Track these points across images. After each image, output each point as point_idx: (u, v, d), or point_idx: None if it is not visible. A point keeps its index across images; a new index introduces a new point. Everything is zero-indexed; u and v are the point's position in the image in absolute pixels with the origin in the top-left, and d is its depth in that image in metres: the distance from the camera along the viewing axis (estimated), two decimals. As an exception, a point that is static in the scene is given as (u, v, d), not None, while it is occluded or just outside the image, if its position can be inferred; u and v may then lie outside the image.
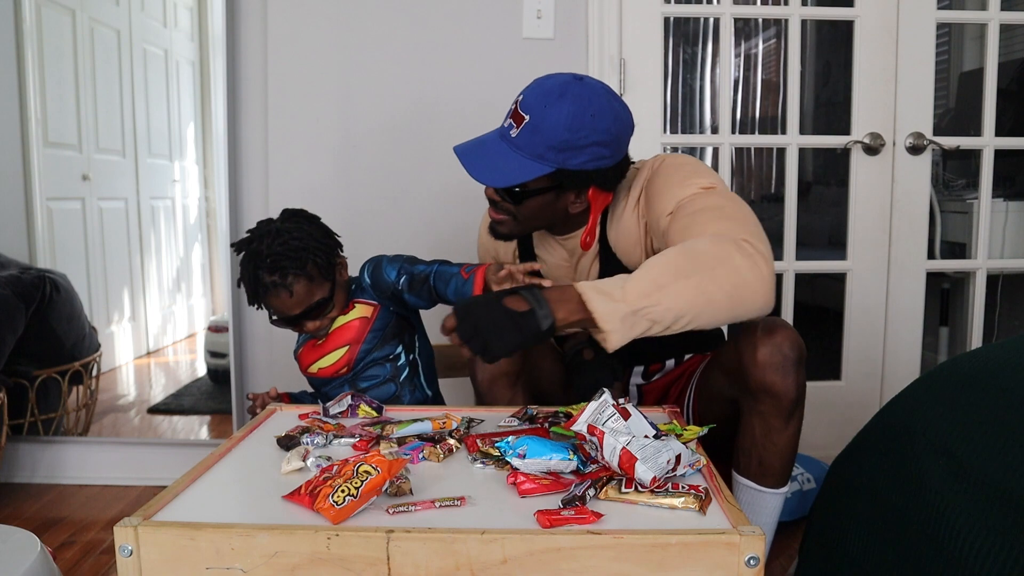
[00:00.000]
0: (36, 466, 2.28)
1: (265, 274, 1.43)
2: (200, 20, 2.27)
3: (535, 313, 1.17)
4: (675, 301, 1.18)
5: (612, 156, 1.37)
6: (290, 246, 1.43)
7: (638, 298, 1.17)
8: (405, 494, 0.96)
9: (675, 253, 1.23)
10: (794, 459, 1.40)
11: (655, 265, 1.21)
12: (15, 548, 1.17)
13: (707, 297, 1.19)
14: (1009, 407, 1.00)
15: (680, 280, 1.18)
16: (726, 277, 1.20)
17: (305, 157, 2.22)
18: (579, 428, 1.07)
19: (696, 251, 1.22)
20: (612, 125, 1.34)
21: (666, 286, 1.18)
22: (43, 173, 2.28)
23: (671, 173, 1.40)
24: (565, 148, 1.32)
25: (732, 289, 1.20)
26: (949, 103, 3.22)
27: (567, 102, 1.31)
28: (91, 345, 2.35)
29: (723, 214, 1.30)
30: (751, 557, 0.83)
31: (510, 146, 1.36)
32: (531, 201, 1.39)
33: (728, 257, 1.21)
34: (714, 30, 3.86)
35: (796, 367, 1.30)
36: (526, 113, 1.33)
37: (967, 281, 2.40)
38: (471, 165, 1.38)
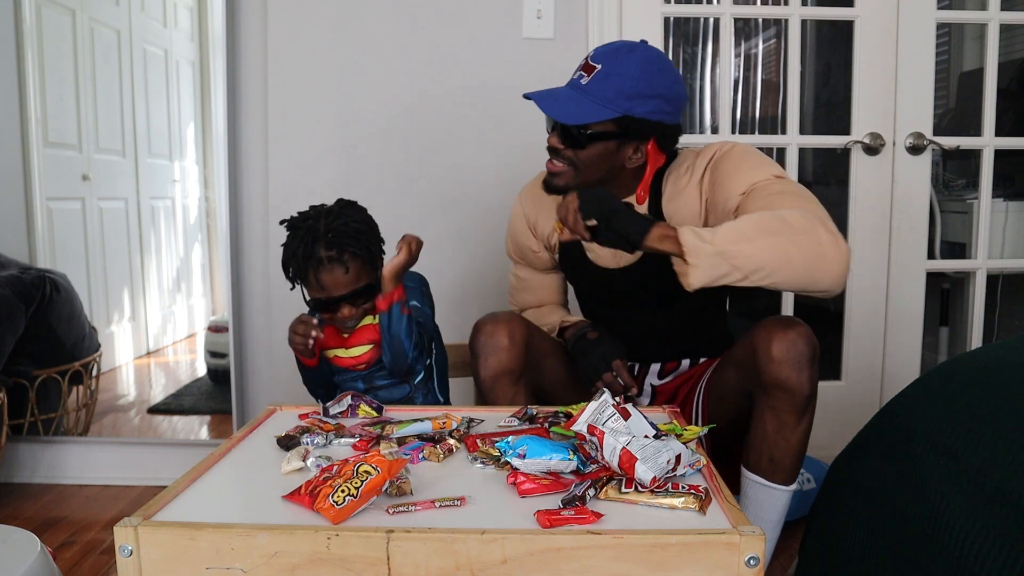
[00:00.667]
0: (36, 466, 2.28)
1: (322, 248, 1.44)
2: (200, 20, 2.27)
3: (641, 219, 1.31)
4: (759, 253, 1.26)
5: (673, 113, 1.45)
6: (350, 227, 1.47)
7: (726, 243, 1.25)
8: (405, 494, 0.96)
9: (766, 215, 1.31)
10: (803, 457, 1.41)
11: (746, 220, 1.30)
12: (15, 548, 1.17)
13: (788, 257, 1.27)
14: (1009, 407, 1.00)
15: (767, 236, 1.26)
16: (809, 245, 1.27)
17: (305, 157, 2.22)
18: (579, 428, 1.07)
19: (785, 217, 1.29)
20: (675, 84, 1.45)
21: (753, 239, 1.26)
22: (43, 173, 2.28)
23: (743, 158, 1.46)
24: (633, 95, 1.40)
25: (812, 257, 1.27)
26: (949, 103, 3.22)
27: (638, 54, 1.42)
28: (91, 345, 2.35)
29: (804, 199, 1.37)
30: (751, 557, 0.83)
31: (581, 93, 1.43)
32: (594, 147, 1.44)
33: (814, 229, 1.28)
34: (714, 30, 3.85)
35: (811, 364, 1.32)
36: (597, 63, 1.42)
37: (967, 281, 2.40)
38: (546, 105, 1.44)
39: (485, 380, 1.47)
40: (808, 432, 1.38)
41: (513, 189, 1.79)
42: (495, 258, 2.23)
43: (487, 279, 2.26)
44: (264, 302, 2.26)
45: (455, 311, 2.24)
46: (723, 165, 1.46)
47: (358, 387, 1.57)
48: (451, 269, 2.25)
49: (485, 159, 2.21)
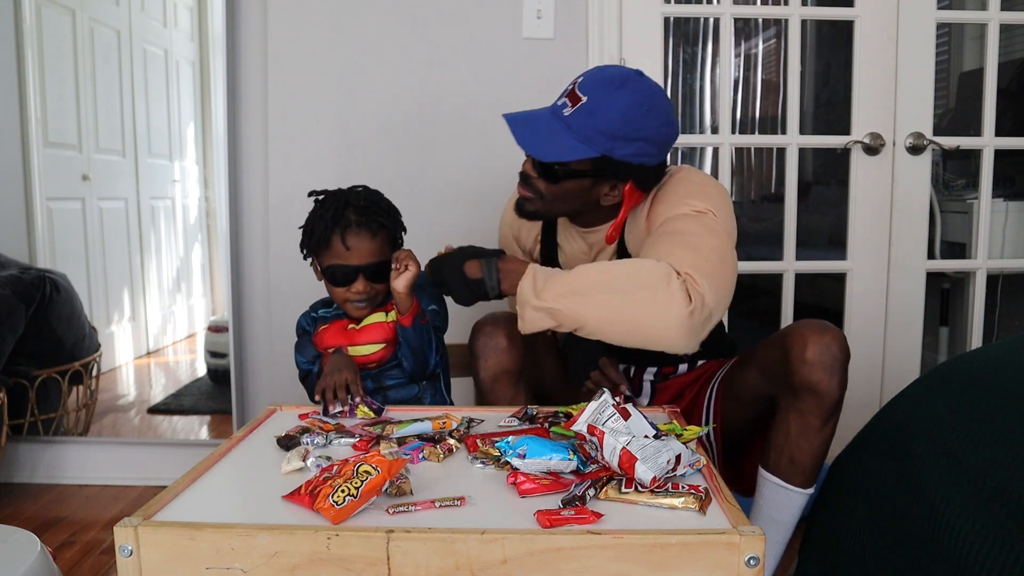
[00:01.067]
0: (36, 466, 2.28)
1: (353, 212, 1.46)
2: (200, 20, 2.27)
3: (483, 282, 1.36)
4: (582, 311, 1.26)
5: (656, 155, 1.39)
6: (381, 203, 1.52)
7: (552, 298, 1.27)
8: (405, 494, 0.96)
9: (608, 267, 1.31)
10: (823, 462, 1.40)
11: (582, 274, 1.30)
12: (15, 548, 1.17)
13: (610, 317, 1.26)
14: (1009, 407, 1.00)
15: (597, 294, 1.27)
16: (638, 304, 1.25)
17: (305, 157, 2.22)
18: (579, 428, 1.07)
19: (626, 271, 1.29)
20: (663, 126, 1.37)
21: (580, 294, 1.27)
22: (43, 173, 2.28)
23: (677, 186, 1.42)
24: (616, 136, 1.34)
25: (639, 318, 1.25)
26: (949, 103, 3.22)
27: (627, 92, 1.34)
28: (91, 345, 2.35)
29: (687, 242, 1.31)
30: (751, 557, 0.83)
31: (562, 124, 1.37)
32: (568, 183, 1.40)
33: (652, 286, 1.25)
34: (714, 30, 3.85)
35: (843, 369, 1.33)
36: (584, 95, 1.35)
37: (967, 281, 2.40)
38: (521, 135, 1.40)
39: (485, 381, 1.46)
40: (831, 437, 1.37)
41: (513, 188, 1.79)
42: (495, 258, 2.23)
43: (487, 279, 2.26)
44: (264, 302, 2.26)
45: (454, 312, 2.24)
46: (661, 192, 1.44)
47: (367, 386, 1.56)
48: (451, 269, 2.25)
49: (485, 159, 2.21)
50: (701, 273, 1.26)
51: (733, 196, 2.63)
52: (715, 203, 1.39)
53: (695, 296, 1.25)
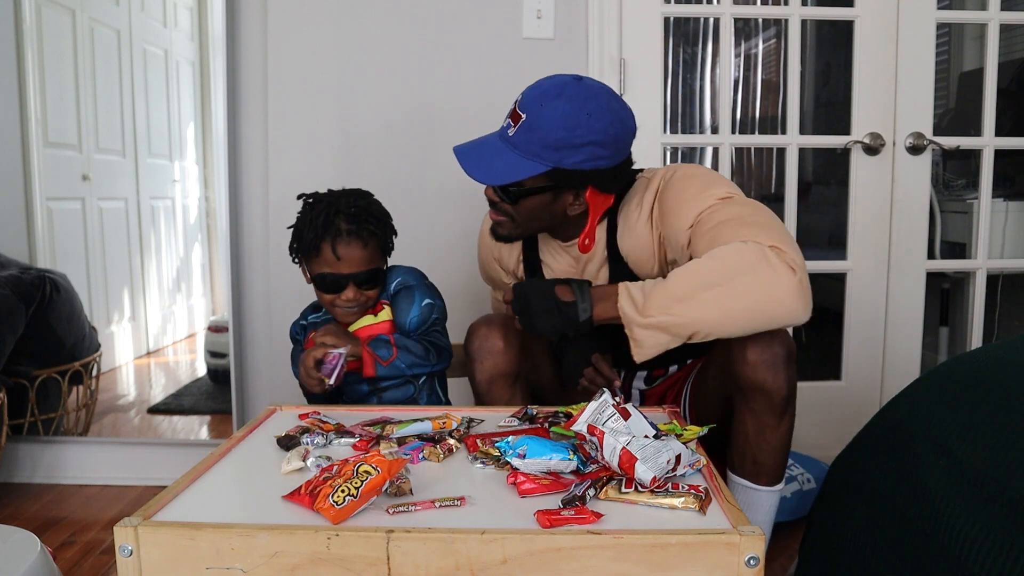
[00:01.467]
0: (36, 466, 2.28)
1: (344, 221, 1.44)
2: (200, 20, 2.27)
3: (576, 305, 1.30)
4: (692, 315, 1.22)
5: (610, 157, 1.36)
6: (372, 209, 1.49)
7: (658, 311, 1.23)
8: (405, 494, 0.96)
9: (698, 264, 1.25)
10: (787, 456, 1.41)
11: (678, 277, 1.25)
12: (15, 548, 1.17)
13: (725, 310, 1.22)
14: (1009, 407, 1.00)
15: (700, 293, 1.21)
16: (747, 289, 1.21)
17: (305, 157, 2.22)
18: (579, 428, 1.07)
19: (718, 262, 1.23)
20: (610, 126, 1.34)
21: (685, 299, 1.22)
22: (43, 173, 2.28)
23: (685, 185, 1.39)
24: (560, 147, 1.32)
25: (753, 301, 1.22)
26: (949, 103, 3.22)
27: (563, 101, 1.32)
28: (91, 345, 2.35)
29: (746, 222, 1.29)
30: (751, 557, 0.83)
31: (507, 145, 1.36)
32: (528, 200, 1.39)
33: (750, 268, 1.21)
34: (714, 30, 3.85)
35: (786, 364, 1.30)
36: (523, 112, 1.34)
37: (967, 281, 2.40)
38: (468, 163, 1.38)
39: (481, 383, 1.46)
40: (790, 432, 1.37)
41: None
42: (495, 258, 2.23)
43: (487, 279, 2.26)
44: (264, 302, 2.26)
45: (454, 312, 2.24)
46: (667, 196, 1.40)
47: (362, 389, 1.56)
48: (450, 269, 2.25)
49: (485, 159, 2.21)
50: (781, 242, 1.24)
51: (733, 196, 2.62)
52: (729, 186, 1.39)
53: (793, 264, 1.23)
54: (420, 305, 1.51)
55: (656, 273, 1.46)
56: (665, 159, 2.29)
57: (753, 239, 1.24)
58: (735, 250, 1.24)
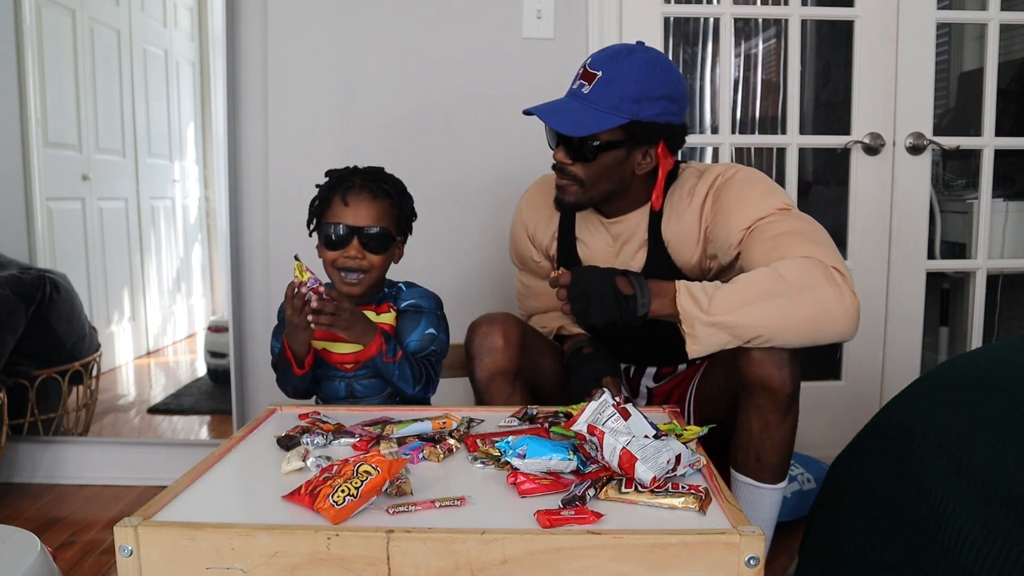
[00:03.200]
0: (36, 466, 2.28)
1: (360, 178, 1.46)
2: (200, 20, 2.27)
3: (636, 298, 1.32)
4: (756, 319, 1.25)
5: (678, 113, 1.43)
6: (392, 179, 1.51)
7: (722, 311, 1.26)
8: (405, 494, 0.96)
9: (766, 273, 1.29)
10: (791, 454, 1.41)
11: (744, 283, 1.28)
12: (15, 548, 1.17)
13: (787, 320, 1.26)
14: (1009, 407, 1.00)
15: (765, 300, 1.26)
16: (810, 304, 1.26)
17: (305, 157, 2.22)
18: (579, 428, 1.07)
19: (786, 274, 1.28)
20: (678, 82, 1.42)
21: (751, 303, 1.26)
22: (43, 173, 2.28)
23: (747, 187, 1.42)
24: (639, 98, 1.37)
25: (814, 316, 1.26)
26: (949, 103, 3.22)
27: (638, 56, 1.39)
28: (91, 345, 2.35)
29: (809, 238, 1.33)
30: (751, 557, 0.83)
31: (583, 103, 1.39)
32: (603, 157, 1.41)
33: (816, 284, 1.26)
34: (714, 30, 3.85)
35: (790, 361, 1.31)
36: (597, 70, 1.39)
37: (967, 281, 2.40)
38: (551, 118, 1.40)
39: (480, 381, 1.47)
40: (793, 430, 1.38)
41: (513, 188, 1.79)
42: (495, 258, 2.23)
43: (487, 279, 2.26)
44: (264, 302, 2.26)
45: (454, 311, 2.24)
46: (726, 193, 1.43)
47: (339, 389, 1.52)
48: (451, 269, 2.25)
49: (485, 159, 2.21)
50: (840, 263, 1.30)
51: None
52: (786, 196, 1.43)
53: (852, 288, 1.28)
54: (424, 332, 1.49)
55: (694, 263, 1.48)
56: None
57: (818, 257, 1.29)
58: (804, 265, 1.28)
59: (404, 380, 1.45)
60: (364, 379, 1.52)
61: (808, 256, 1.29)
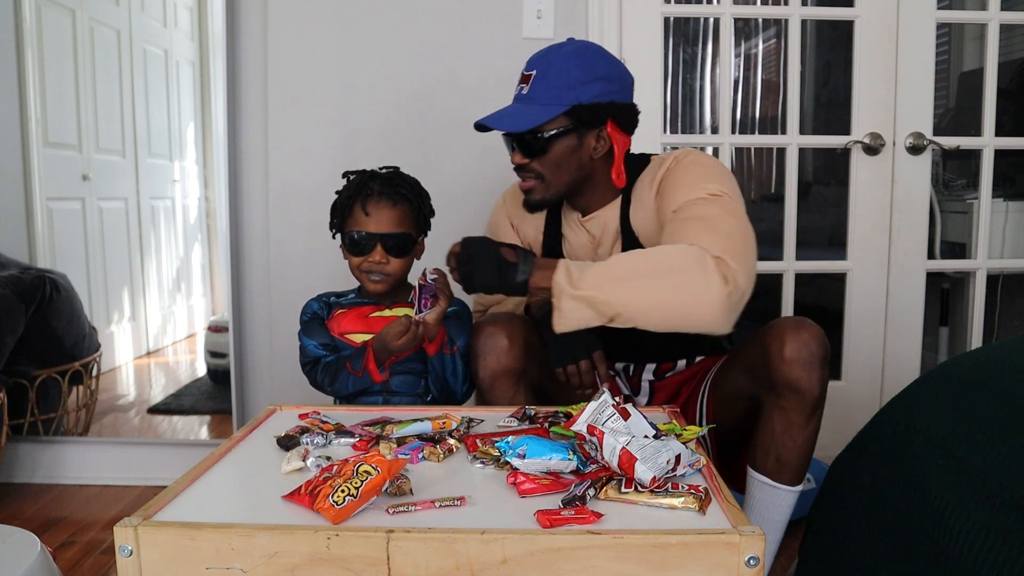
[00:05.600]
0: (36, 466, 2.28)
1: (378, 184, 1.50)
2: (200, 20, 2.27)
3: (517, 267, 1.36)
4: (618, 297, 1.27)
5: (621, 92, 1.45)
6: (408, 179, 1.56)
7: (589, 287, 1.28)
8: (405, 494, 0.96)
9: (640, 254, 1.32)
10: (810, 458, 1.41)
11: (617, 260, 1.32)
12: (15, 548, 1.17)
13: (649, 301, 1.28)
14: (1009, 407, 1.00)
15: (631, 280, 1.29)
16: (674, 289, 1.28)
17: (305, 157, 2.22)
18: (579, 428, 1.07)
19: (658, 256, 1.31)
20: (612, 64, 1.46)
21: (616, 282, 1.29)
22: (43, 173, 2.28)
23: (688, 171, 1.45)
24: (574, 84, 1.40)
25: (677, 302, 1.28)
26: (949, 103, 3.22)
27: (567, 47, 1.45)
28: (91, 345, 2.35)
29: (712, 225, 1.33)
30: (751, 557, 0.83)
31: (524, 103, 1.45)
32: (555, 147, 1.44)
33: (684, 270, 1.27)
34: (714, 30, 3.85)
35: (822, 365, 1.32)
36: (531, 70, 1.45)
37: (967, 281, 2.40)
38: (494, 121, 1.45)
39: (484, 380, 1.47)
40: (816, 433, 1.38)
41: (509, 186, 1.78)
42: (495, 258, 2.22)
43: (487, 279, 2.26)
44: (264, 302, 2.26)
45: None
46: (670, 176, 1.46)
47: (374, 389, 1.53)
48: (451, 269, 2.25)
49: (485, 159, 2.21)
50: (731, 255, 1.29)
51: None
52: (728, 184, 1.43)
53: (730, 278, 1.28)
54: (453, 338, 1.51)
55: None
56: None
57: (705, 244, 1.30)
58: (679, 250, 1.30)
59: (455, 376, 1.49)
60: (399, 374, 1.53)
61: (694, 243, 1.30)
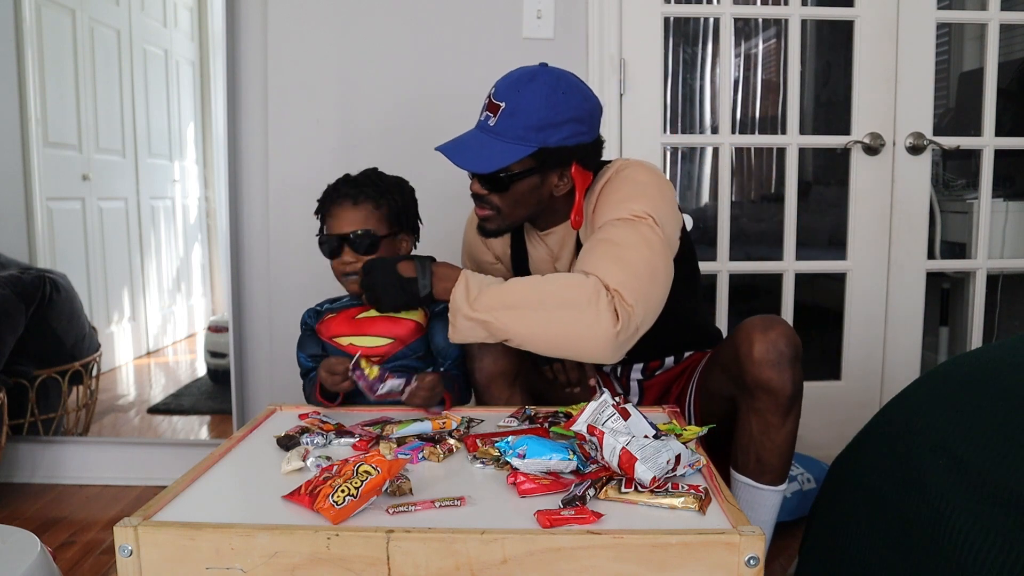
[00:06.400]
0: (36, 466, 2.28)
1: (344, 184, 1.52)
2: (200, 20, 2.27)
3: (417, 282, 1.37)
4: (510, 325, 1.29)
5: (589, 132, 1.41)
6: (379, 177, 1.56)
7: (484, 309, 1.31)
8: (405, 494, 0.96)
9: (535, 282, 1.34)
10: (792, 456, 1.41)
11: (513, 287, 1.34)
12: (15, 548, 1.17)
13: (537, 332, 1.31)
14: (1009, 407, 1.00)
15: (523, 309, 1.30)
16: (563, 323, 1.29)
17: (305, 157, 2.22)
18: (579, 428, 1.07)
19: (551, 288, 1.32)
20: (584, 101, 1.40)
21: (509, 309, 1.31)
22: (43, 173, 2.28)
23: (621, 186, 1.43)
24: (544, 126, 1.36)
25: (564, 335, 1.30)
26: (949, 103, 3.22)
27: (539, 83, 1.38)
28: (91, 345, 2.35)
29: (620, 254, 1.32)
30: (751, 557, 0.83)
31: (490, 135, 1.40)
32: (517, 186, 1.41)
33: (575, 306, 1.28)
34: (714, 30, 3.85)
35: (792, 363, 1.31)
36: (501, 101, 1.39)
37: (967, 281, 2.40)
38: (457, 157, 1.41)
39: (480, 381, 1.47)
40: (794, 431, 1.38)
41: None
42: (495, 258, 2.22)
43: (487, 279, 2.26)
44: (264, 302, 2.26)
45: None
46: (606, 189, 1.45)
47: None
48: (451, 269, 2.25)
49: (485, 159, 2.21)
50: (630, 290, 1.29)
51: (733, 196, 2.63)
52: (655, 205, 1.39)
53: (623, 314, 1.27)
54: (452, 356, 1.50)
55: None
56: (665, 159, 2.29)
57: (602, 275, 1.30)
58: (574, 283, 1.30)
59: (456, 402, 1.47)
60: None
61: (591, 273, 1.30)
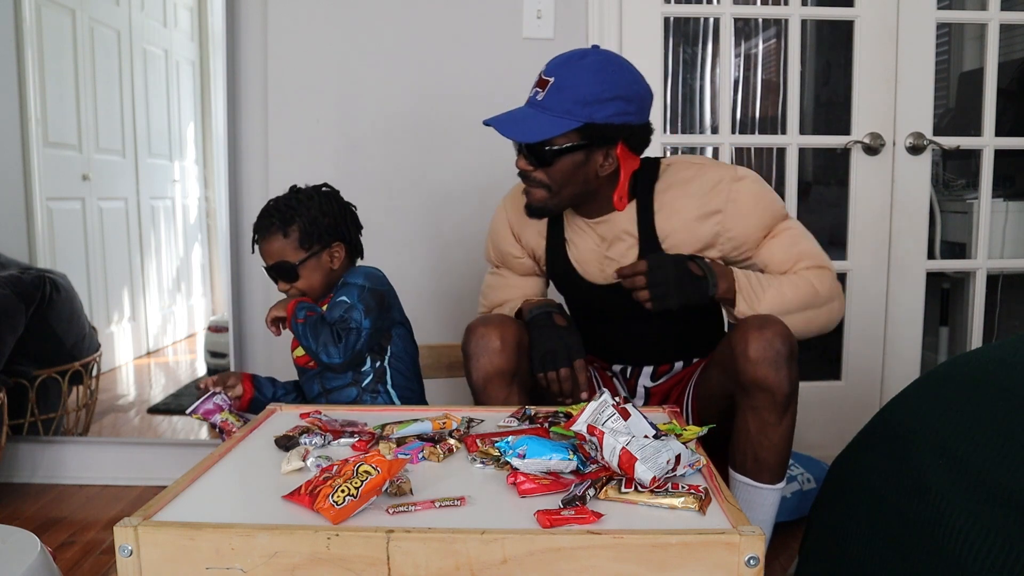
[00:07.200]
0: (36, 466, 2.28)
1: (258, 218, 1.54)
2: (200, 20, 2.27)
3: (707, 279, 1.41)
4: (792, 324, 1.40)
5: (636, 114, 1.42)
6: (286, 204, 1.53)
7: (767, 310, 1.42)
8: (405, 494, 0.96)
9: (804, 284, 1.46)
10: (789, 455, 1.41)
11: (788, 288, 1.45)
12: (15, 548, 1.17)
13: (809, 326, 1.46)
14: (1009, 407, 1.00)
15: (803, 311, 1.45)
16: (827, 315, 1.49)
17: (305, 157, 2.22)
18: (579, 428, 1.07)
19: (820, 288, 1.47)
20: (633, 83, 1.41)
21: (789, 313, 1.42)
22: (43, 173, 2.28)
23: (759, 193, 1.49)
24: (591, 102, 1.37)
25: (827, 322, 1.50)
26: (949, 103, 3.22)
27: (589, 59, 1.40)
28: (91, 345, 2.35)
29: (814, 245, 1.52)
30: (751, 557, 0.83)
31: (538, 109, 1.41)
32: (561, 161, 1.41)
33: (836, 297, 1.50)
34: (714, 30, 3.85)
35: (788, 362, 1.32)
36: (551, 76, 1.40)
37: (967, 281, 2.40)
38: (503, 127, 1.42)
39: (477, 382, 1.46)
40: (791, 430, 1.39)
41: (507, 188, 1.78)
42: (495, 258, 2.22)
43: (487, 279, 2.26)
44: (264, 302, 2.26)
45: (452, 311, 2.24)
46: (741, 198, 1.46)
47: (314, 388, 1.57)
48: (450, 268, 2.25)
49: (485, 158, 2.21)
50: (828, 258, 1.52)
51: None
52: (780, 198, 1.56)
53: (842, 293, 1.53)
54: (337, 300, 1.49)
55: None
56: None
57: (828, 267, 1.50)
58: (826, 279, 1.48)
59: (312, 341, 1.44)
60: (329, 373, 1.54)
61: (823, 267, 1.49)
